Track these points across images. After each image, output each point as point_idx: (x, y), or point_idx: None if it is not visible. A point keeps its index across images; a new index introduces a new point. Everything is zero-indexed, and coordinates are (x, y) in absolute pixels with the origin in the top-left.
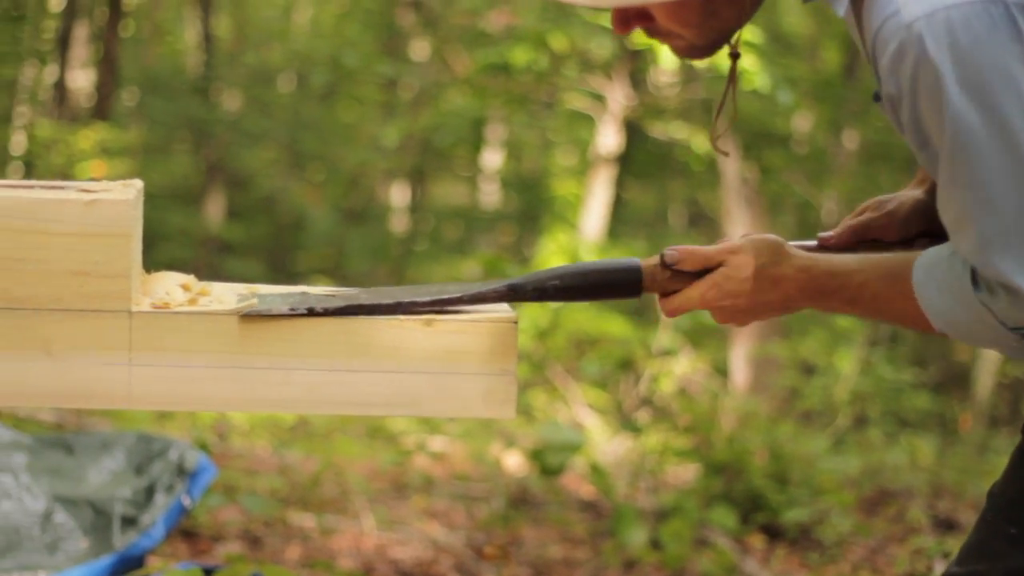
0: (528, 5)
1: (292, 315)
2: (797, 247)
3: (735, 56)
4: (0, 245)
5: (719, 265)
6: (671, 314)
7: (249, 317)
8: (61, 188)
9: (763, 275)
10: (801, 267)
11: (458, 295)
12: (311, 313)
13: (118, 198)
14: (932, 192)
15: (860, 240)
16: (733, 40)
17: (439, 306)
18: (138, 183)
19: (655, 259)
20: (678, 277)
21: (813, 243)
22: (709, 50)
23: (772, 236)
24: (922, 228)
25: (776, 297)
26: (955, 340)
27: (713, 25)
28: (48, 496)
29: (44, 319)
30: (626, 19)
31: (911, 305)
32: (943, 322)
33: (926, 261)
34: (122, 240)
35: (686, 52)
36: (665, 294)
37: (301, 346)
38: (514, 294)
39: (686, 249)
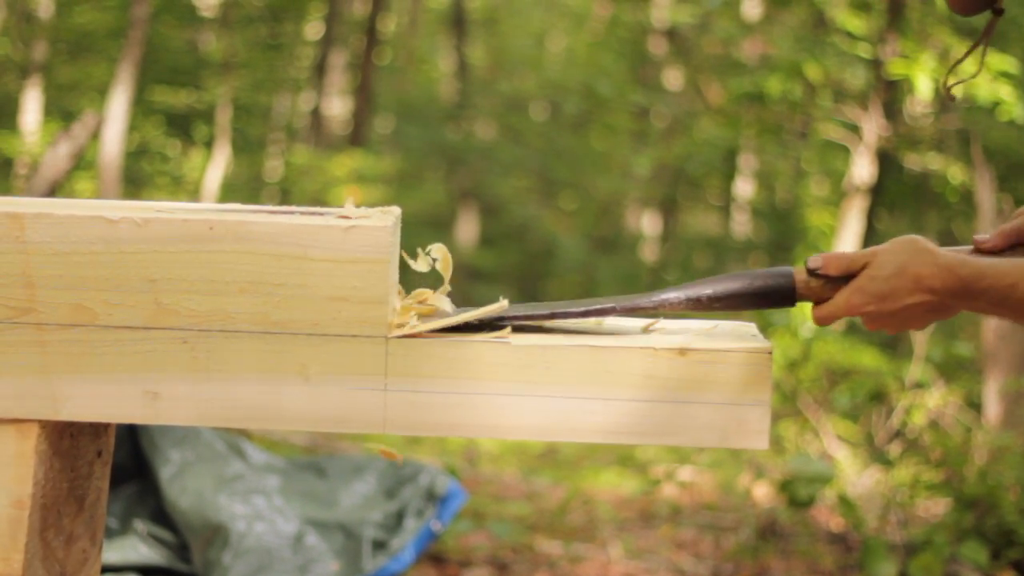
0: (782, 34)
1: (550, 317)
2: (949, 251)
3: (998, 12)
4: (260, 270)
5: (863, 268)
6: (820, 322)
7: (502, 344)
8: (320, 214)
9: (906, 274)
10: (945, 265)
11: (612, 305)
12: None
13: (377, 224)
14: None
15: (1014, 244)
16: None
17: (593, 315)
18: (396, 210)
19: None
20: (831, 285)
21: (968, 248)
22: (978, 2)
23: (916, 236)
24: None
25: (922, 297)
26: None
27: None
28: (300, 519)
29: (301, 344)
30: None
31: None
32: None
33: None
34: (380, 266)
35: (957, 5)
36: (819, 303)
37: (553, 373)
38: (668, 304)
39: (829, 254)
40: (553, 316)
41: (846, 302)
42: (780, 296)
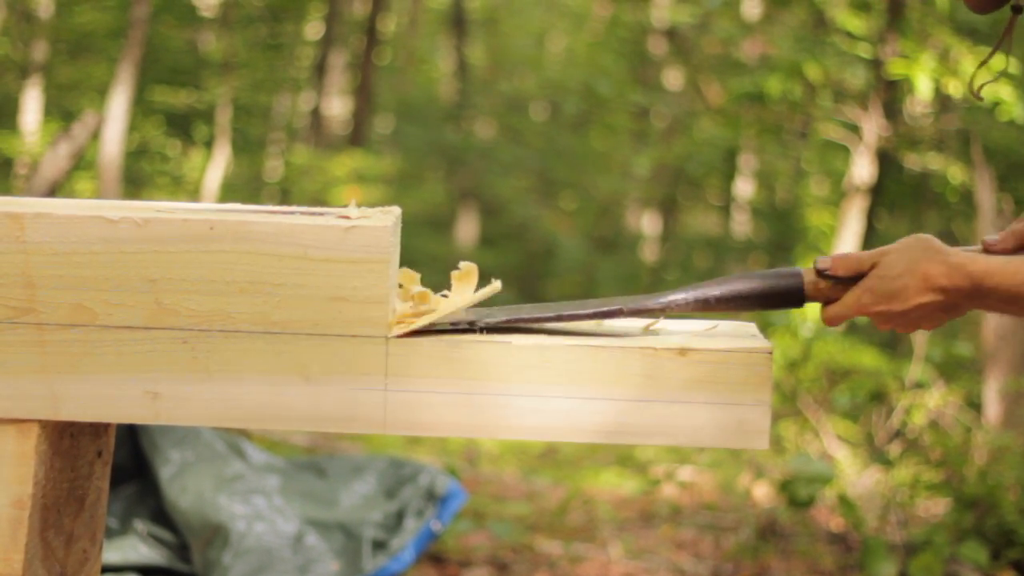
0: (782, 34)
1: (455, 331)
2: (959, 250)
3: (1017, 10)
4: (260, 270)
5: (872, 268)
6: (829, 322)
7: (502, 344)
8: (320, 214)
9: (915, 272)
10: (955, 263)
11: (619, 307)
12: (472, 328)
13: (377, 224)
14: None
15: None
16: None
17: (601, 317)
18: (396, 210)
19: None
20: (840, 285)
21: (978, 248)
22: (995, 0)
23: (925, 235)
24: None
25: (932, 297)
26: None
27: None
28: (300, 519)
29: (302, 344)
30: None
31: None
32: None
33: None
34: (380, 266)
35: (974, 3)
36: (827, 303)
37: (553, 373)
38: (675, 305)
39: (838, 255)
40: (560, 319)
41: (855, 302)
42: (788, 297)
